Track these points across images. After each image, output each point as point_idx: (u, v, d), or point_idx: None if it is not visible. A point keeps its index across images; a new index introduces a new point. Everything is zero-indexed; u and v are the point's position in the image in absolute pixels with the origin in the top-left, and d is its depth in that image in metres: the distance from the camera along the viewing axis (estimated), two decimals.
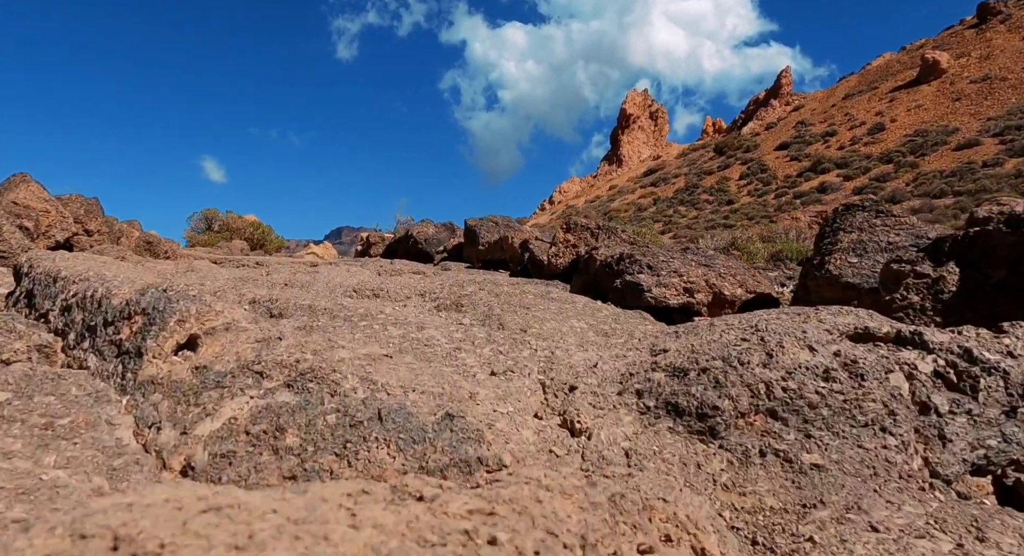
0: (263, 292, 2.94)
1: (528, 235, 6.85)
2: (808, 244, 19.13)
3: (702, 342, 1.98)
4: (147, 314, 1.78)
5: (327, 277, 5.86)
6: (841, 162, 52.18)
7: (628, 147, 74.96)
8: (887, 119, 54.95)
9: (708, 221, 51.26)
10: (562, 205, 71.84)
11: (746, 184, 57.06)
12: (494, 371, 1.86)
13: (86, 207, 8.66)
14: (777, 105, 66.52)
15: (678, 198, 60.71)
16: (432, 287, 5.01)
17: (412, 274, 6.53)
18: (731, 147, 63.24)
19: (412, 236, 9.45)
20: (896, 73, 60.33)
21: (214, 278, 4.60)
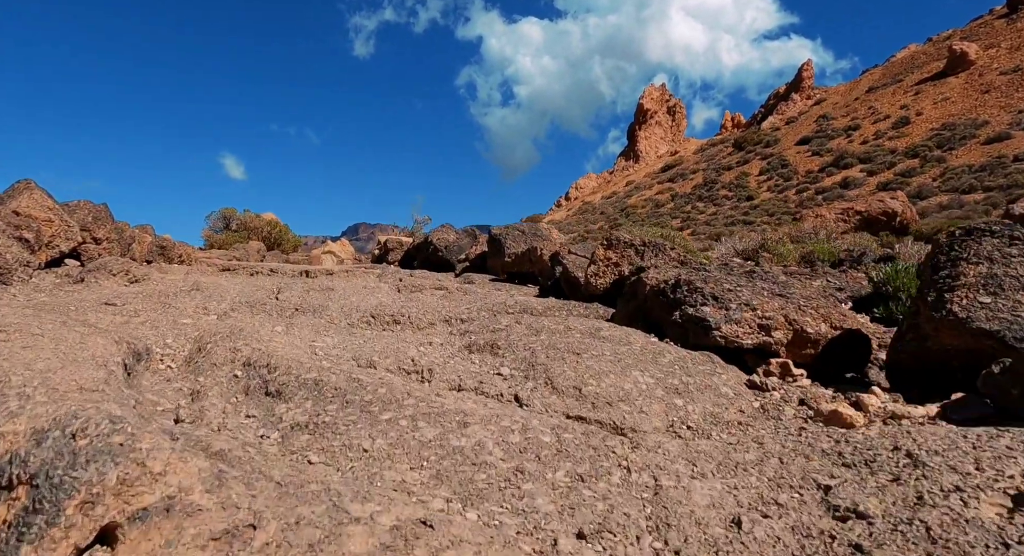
0: (262, 346, 2.41)
1: (559, 247, 6.27)
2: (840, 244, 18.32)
3: (932, 516, 1.29)
4: (36, 487, 1.05)
5: (343, 296, 5.33)
6: (865, 157, 50.76)
7: (645, 142, 73.66)
8: (912, 112, 53.29)
9: (727, 217, 50.20)
10: (578, 201, 70.95)
11: (766, 180, 55.80)
12: (582, 532, 1.27)
13: (94, 214, 8.25)
14: (798, 99, 64.84)
15: (696, 194, 59.63)
16: (459, 311, 4.45)
17: (434, 290, 5.99)
18: (751, 142, 61.89)
19: (432, 243, 8.91)
20: (922, 65, 58.44)
21: (206, 316, 4.10)
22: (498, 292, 5.95)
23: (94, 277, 6.01)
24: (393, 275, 7.16)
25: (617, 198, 64.61)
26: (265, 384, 1.86)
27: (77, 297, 4.79)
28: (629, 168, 73.06)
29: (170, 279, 6.93)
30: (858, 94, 60.81)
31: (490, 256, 7.41)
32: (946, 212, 32.38)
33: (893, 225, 25.50)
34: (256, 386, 1.87)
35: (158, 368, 2.32)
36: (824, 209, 28.16)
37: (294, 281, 6.45)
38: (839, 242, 17.93)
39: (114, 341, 2.28)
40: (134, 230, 10.38)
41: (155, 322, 3.55)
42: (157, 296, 4.87)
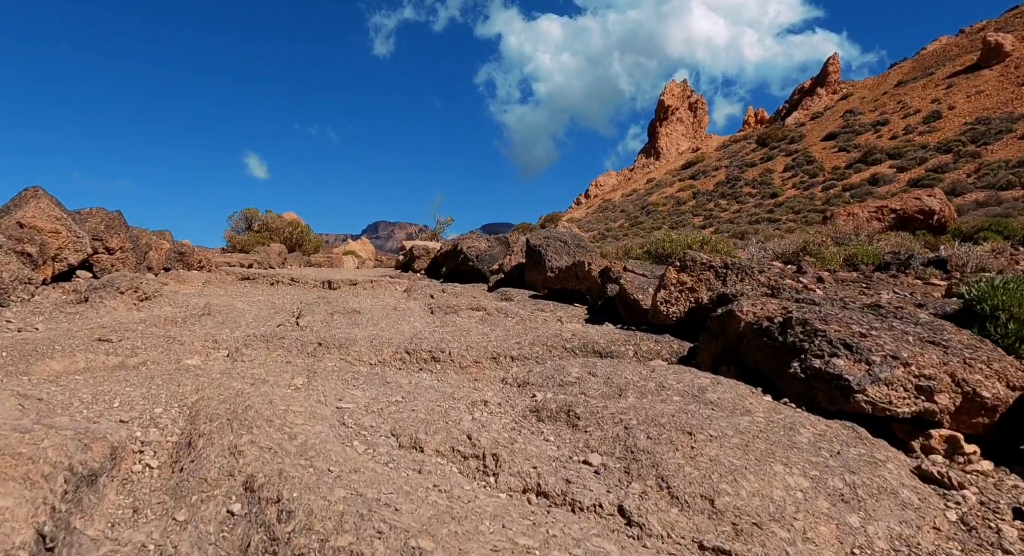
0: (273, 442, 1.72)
1: (610, 262, 5.52)
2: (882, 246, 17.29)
3: None
4: None
5: (371, 323, 4.65)
6: (894, 152, 49.05)
7: (666, 139, 72.10)
8: (944, 106, 51.34)
9: (752, 215, 48.92)
10: (598, 199, 69.79)
11: (791, 176, 54.29)
12: None
13: (107, 222, 7.72)
14: (824, 94, 62.88)
15: (719, 191, 58.31)
16: (507, 346, 3.74)
17: (471, 312, 5.30)
18: (775, 138, 60.31)
19: (462, 252, 8.22)
20: (954, 58, 56.26)
21: (216, 352, 3.42)
22: (543, 314, 5.24)
23: (99, 296, 5.44)
24: (423, 291, 6.49)
25: (638, 196, 63.45)
26: (273, 545, 1.19)
27: (74, 326, 4.19)
28: (650, 165, 71.60)
29: (183, 295, 6.35)
30: (886, 88, 58.82)
31: (529, 269, 6.69)
32: (984, 209, 30.89)
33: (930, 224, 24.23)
34: (259, 547, 1.20)
35: (131, 472, 1.66)
36: (857, 207, 26.95)
37: (316, 299, 5.80)
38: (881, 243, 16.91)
39: (72, 435, 1.62)
40: (151, 236, 9.88)
41: (150, 373, 2.90)
42: (163, 324, 4.25)
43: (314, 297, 6.32)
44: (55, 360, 3.16)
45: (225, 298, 6.00)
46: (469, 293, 6.50)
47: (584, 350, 3.69)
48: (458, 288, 7.13)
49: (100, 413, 2.13)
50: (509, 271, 7.11)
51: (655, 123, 75.26)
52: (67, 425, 1.84)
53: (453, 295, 6.26)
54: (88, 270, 7.65)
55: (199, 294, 6.71)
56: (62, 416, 1.98)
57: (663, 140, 72.34)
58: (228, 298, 6.04)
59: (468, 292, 6.57)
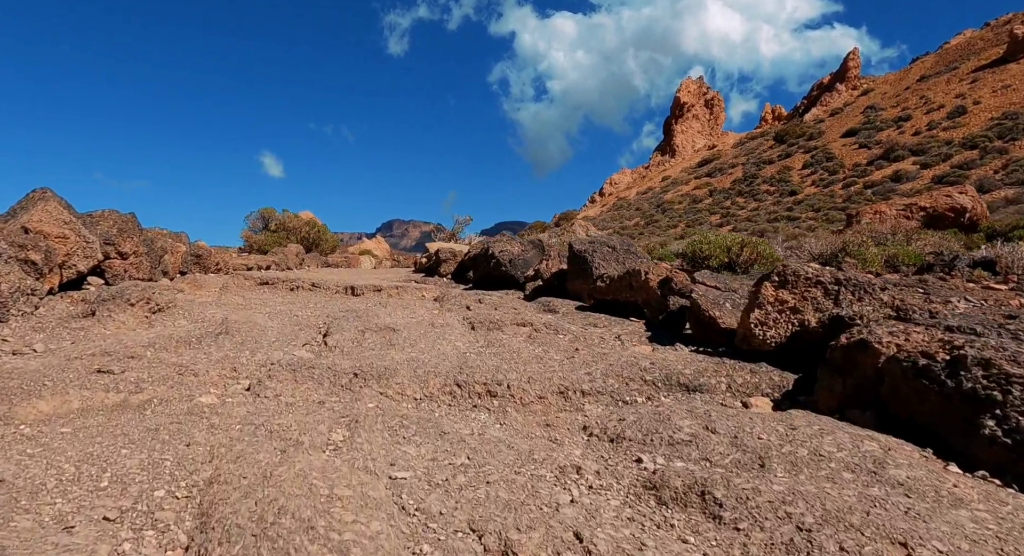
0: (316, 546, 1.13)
1: (671, 271, 4.88)
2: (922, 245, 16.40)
3: None
4: None
5: (409, 342, 4.04)
6: (917, 149, 47.68)
7: (682, 136, 70.80)
8: (969, 101, 49.81)
9: (770, 213, 47.87)
10: (613, 197, 68.75)
11: (810, 174, 53.05)
12: None
13: (119, 225, 7.21)
14: (843, 89, 61.30)
15: (736, 189, 57.19)
16: (575, 378, 3.12)
17: (516, 328, 4.69)
18: (793, 135, 59.00)
19: (494, 257, 7.61)
20: (979, 51, 54.57)
21: (236, 384, 2.80)
22: (597, 330, 4.62)
23: (108, 309, 4.90)
24: (457, 302, 5.88)
25: (653, 193, 62.44)
26: None
27: (75, 348, 3.63)
28: (665, 163, 70.36)
29: (199, 305, 5.80)
30: (909, 83, 57.24)
31: (572, 276, 6.06)
32: (1015, 207, 29.74)
33: (961, 222, 23.19)
34: None
35: None
36: (884, 205, 25.91)
37: (343, 312, 5.21)
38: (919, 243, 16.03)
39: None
40: (167, 239, 9.39)
41: (155, 420, 2.31)
42: (175, 346, 3.68)
43: (339, 308, 5.74)
44: (44, 400, 2.60)
45: (244, 311, 5.43)
46: (507, 303, 5.88)
47: (668, 382, 3.06)
48: (493, 296, 6.51)
49: (80, 504, 1.55)
50: (548, 278, 6.48)
51: (670, 120, 73.88)
52: (26, 537, 1.26)
53: (491, 306, 5.65)
54: (100, 276, 7.15)
55: (216, 303, 6.17)
56: (23, 518, 1.39)
57: (679, 137, 71.00)
58: (247, 310, 5.48)
59: (506, 302, 5.96)
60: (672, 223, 52.31)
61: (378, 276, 13.18)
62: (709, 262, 10.13)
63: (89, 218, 7.10)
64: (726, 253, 10.29)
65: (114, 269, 7.13)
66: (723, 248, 10.27)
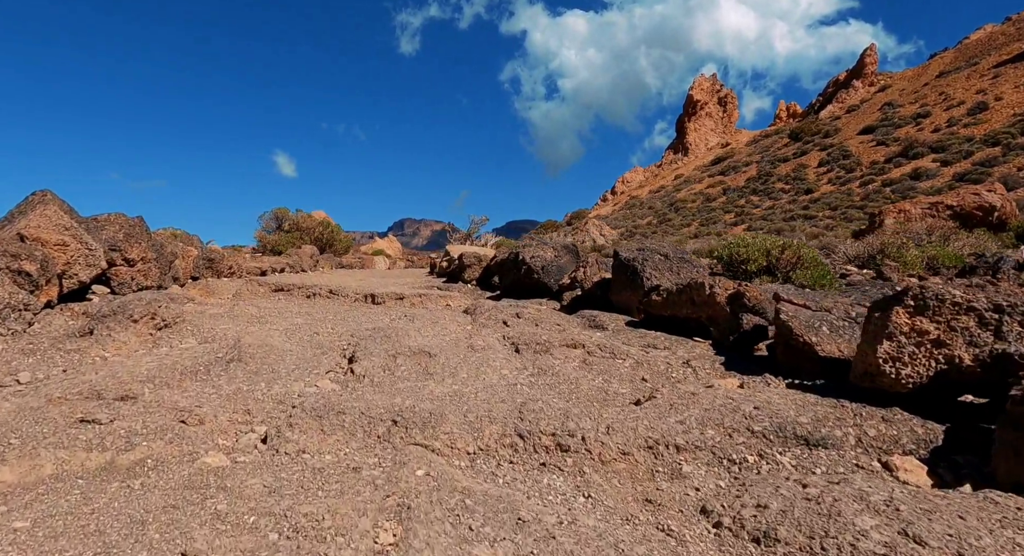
0: None
1: (744, 287, 4.23)
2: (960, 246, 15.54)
3: None
4: None
5: (449, 371, 3.44)
6: (937, 146, 46.46)
7: (695, 135, 69.64)
8: (991, 97, 48.47)
9: (786, 212, 46.90)
10: (625, 196, 67.82)
11: (826, 171, 51.95)
12: None
13: (126, 230, 6.67)
14: (860, 86, 59.94)
15: (750, 187, 56.21)
16: (664, 428, 2.50)
17: (567, 349, 4.07)
18: (808, 132, 57.85)
19: (525, 263, 6.99)
20: (1000, 46, 53.09)
21: (248, 435, 2.18)
22: (659, 353, 3.99)
23: (107, 328, 4.34)
24: (491, 315, 5.27)
25: (665, 192, 61.54)
26: None
27: (61, 384, 3.06)
28: (678, 161, 69.26)
29: (210, 318, 5.24)
30: (927, 79, 55.87)
31: (618, 287, 5.43)
32: None
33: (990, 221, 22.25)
34: None
35: None
36: (908, 204, 24.95)
37: (369, 332, 4.61)
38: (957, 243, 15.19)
39: None
40: (178, 244, 8.87)
41: (144, 497, 1.74)
42: (178, 379, 3.10)
43: (363, 324, 5.16)
44: (8, 464, 2.03)
45: (259, 325, 4.86)
46: (548, 317, 5.27)
47: (781, 434, 2.44)
48: (528, 308, 5.90)
49: None
50: (590, 289, 5.85)
51: (683, 118, 72.70)
52: None
53: (531, 321, 5.03)
54: (106, 285, 6.63)
55: (228, 315, 5.61)
56: None
57: (691, 135, 69.84)
58: (262, 325, 4.90)
59: (546, 316, 5.34)
60: (685, 222, 51.45)
61: (396, 279, 12.62)
62: (747, 266, 9.45)
63: (94, 222, 6.57)
64: (765, 256, 9.59)
65: (120, 277, 6.61)
66: (762, 251, 9.57)
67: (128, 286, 6.67)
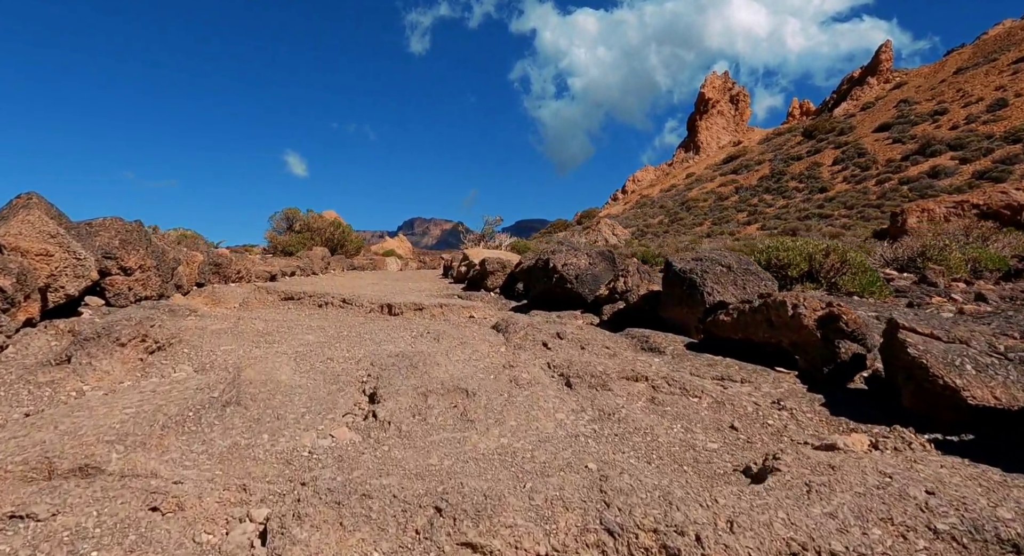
0: None
1: (839, 307, 3.52)
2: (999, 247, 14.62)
3: None
4: None
5: (496, 422, 2.74)
6: (955, 143, 45.24)
7: (706, 133, 68.47)
8: (1011, 93, 47.15)
9: (800, 211, 45.86)
10: (635, 195, 66.86)
11: (840, 170, 50.81)
12: None
13: (122, 236, 6.05)
14: (875, 83, 58.60)
15: (763, 186, 55.18)
16: (814, 525, 1.73)
17: (627, 383, 3.38)
18: (822, 130, 56.67)
19: (557, 271, 6.29)
20: (1020, 42, 51.65)
21: (242, 527, 1.50)
22: (738, 387, 3.30)
23: (87, 355, 3.70)
24: (527, 334, 4.57)
25: (677, 191, 60.57)
26: None
27: (9, 443, 2.41)
28: (689, 160, 68.15)
29: (210, 338, 4.60)
30: (944, 76, 54.50)
31: (671, 302, 4.73)
32: None
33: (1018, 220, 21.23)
34: None
35: None
36: (931, 203, 23.91)
37: (392, 358, 3.94)
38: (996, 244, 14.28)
39: None
40: (181, 249, 8.25)
41: None
42: (158, 435, 2.44)
43: (382, 342, 4.49)
44: None
45: (265, 346, 4.19)
46: (593, 337, 4.57)
47: (979, 538, 1.74)
48: (566, 323, 5.21)
49: None
50: (636, 303, 5.15)
51: (694, 116, 71.47)
52: None
53: (575, 343, 4.34)
54: (100, 296, 6.02)
55: (232, 331, 4.97)
56: None
57: (703, 134, 68.63)
58: (269, 346, 4.24)
59: (590, 336, 4.64)
60: (697, 221, 50.51)
61: (411, 284, 11.97)
62: (788, 271, 8.70)
63: (86, 228, 5.96)
64: (807, 260, 8.83)
65: (117, 287, 5.99)
66: (804, 255, 8.82)
67: (125, 297, 6.05)
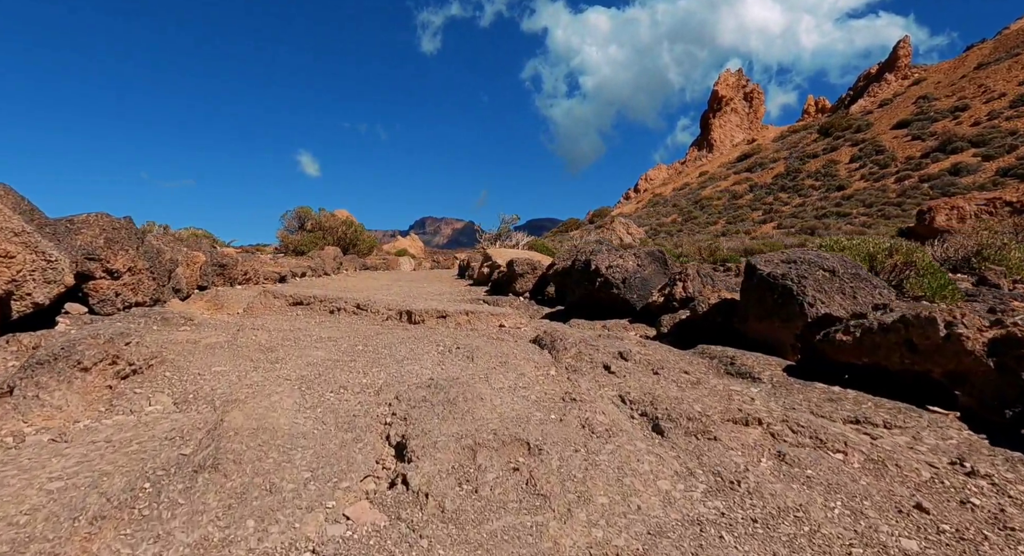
0: None
1: (1017, 326, 2.63)
2: None
3: None
4: None
5: (582, 501, 1.71)
6: (978, 140, 43.76)
7: (720, 131, 67.00)
8: None
9: (818, 209, 44.59)
10: (648, 193, 65.60)
11: (858, 167, 49.41)
12: None
13: (107, 235, 5.26)
14: (893, 79, 56.95)
15: (778, 184, 53.87)
16: None
17: (736, 428, 2.51)
18: (839, 127, 55.22)
19: (600, 273, 5.41)
20: None
21: None
22: (887, 435, 2.43)
23: (36, 385, 2.88)
24: (581, 353, 3.70)
25: (690, 190, 59.34)
26: None
27: None
28: (702, 158, 66.73)
29: (201, 355, 3.77)
30: (965, 71, 52.85)
31: (755, 314, 3.83)
32: None
33: None
34: None
35: None
36: (960, 200, 22.77)
37: (419, 385, 3.09)
38: None
39: None
40: (181, 249, 7.46)
41: None
42: (87, 525, 1.61)
43: (406, 362, 3.64)
44: None
45: (264, 373, 3.35)
46: (663, 357, 3.68)
47: None
48: (618, 335, 4.33)
49: None
50: (707, 313, 4.26)
51: (708, 114, 69.94)
52: None
53: (645, 366, 3.46)
54: (84, 303, 5.24)
55: (229, 345, 4.14)
56: None
57: (716, 132, 67.12)
58: (269, 372, 3.40)
59: (658, 355, 3.75)
60: (711, 220, 49.37)
61: (427, 285, 11.13)
62: None
63: (66, 225, 5.17)
64: (867, 261, 7.86)
65: (101, 293, 5.20)
66: (864, 255, 7.84)
67: (112, 304, 5.26)
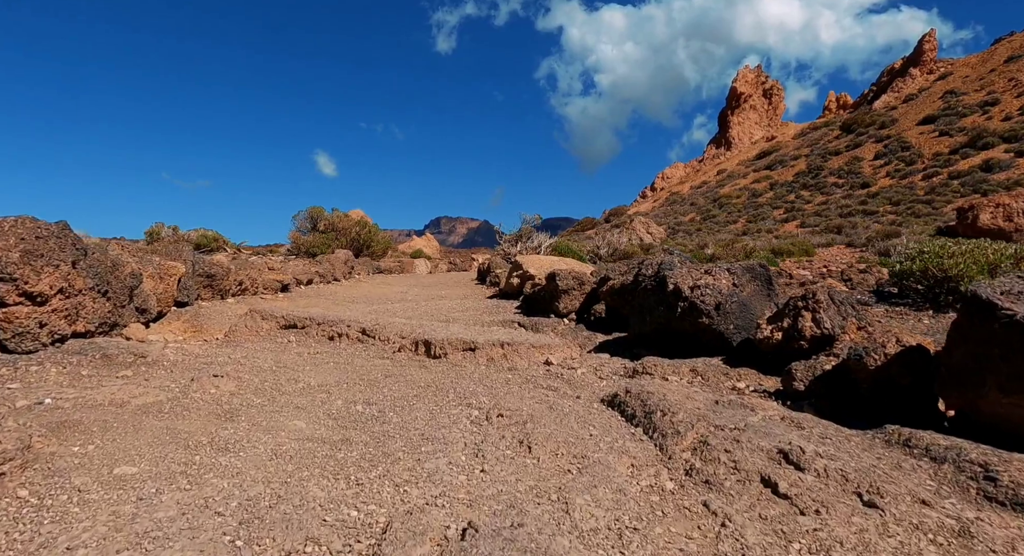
0: None
1: None
2: None
3: None
4: None
5: None
6: (1009, 135, 41.29)
7: (738, 128, 64.65)
8: None
9: (842, 207, 42.38)
10: (665, 192, 63.55)
11: (883, 165, 47.05)
12: None
13: (26, 246, 3.88)
14: (918, 74, 54.37)
15: (799, 182, 51.62)
16: None
17: None
18: (862, 123, 52.80)
19: (681, 294, 3.91)
20: None
21: None
22: None
23: None
24: (706, 445, 2.23)
25: (708, 188, 57.28)
26: None
27: None
28: (720, 156, 64.49)
29: (113, 435, 2.30)
30: (994, 65, 50.19)
31: (999, 381, 2.29)
32: None
33: None
34: None
35: None
36: (1007, 197, 20.83)
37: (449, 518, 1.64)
38: None
39: None
40: (152, 259, 6.08)
41: None
42: None
43: (429, 459, 2.20)
44: None
45: (191, 498, 1.91)
46: (860, 457, 2.19)
47: None
48: (723, 390, 2.84)
49: None
50: (885, 367, 2.73)
51: (726, 112, 67.54)
52: None
53: (839, 487, 1.97)
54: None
55: (169, 412, 2.73)
56: None
57: (735, 129, 64.73)
58: (201, 482, 1.96)
59: (843, 450, 2.26)
60: (731, 219, 47.39)
61: (447, 295, 9.70)
62: (957, 284, 6.13)
63: None
64: (986, 271, 6.17)
65: (17, 324, 3.81)
66: (982, 264, 6.16)
67: (32, 338, 3.87)
